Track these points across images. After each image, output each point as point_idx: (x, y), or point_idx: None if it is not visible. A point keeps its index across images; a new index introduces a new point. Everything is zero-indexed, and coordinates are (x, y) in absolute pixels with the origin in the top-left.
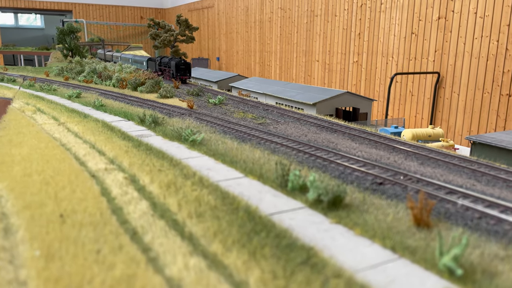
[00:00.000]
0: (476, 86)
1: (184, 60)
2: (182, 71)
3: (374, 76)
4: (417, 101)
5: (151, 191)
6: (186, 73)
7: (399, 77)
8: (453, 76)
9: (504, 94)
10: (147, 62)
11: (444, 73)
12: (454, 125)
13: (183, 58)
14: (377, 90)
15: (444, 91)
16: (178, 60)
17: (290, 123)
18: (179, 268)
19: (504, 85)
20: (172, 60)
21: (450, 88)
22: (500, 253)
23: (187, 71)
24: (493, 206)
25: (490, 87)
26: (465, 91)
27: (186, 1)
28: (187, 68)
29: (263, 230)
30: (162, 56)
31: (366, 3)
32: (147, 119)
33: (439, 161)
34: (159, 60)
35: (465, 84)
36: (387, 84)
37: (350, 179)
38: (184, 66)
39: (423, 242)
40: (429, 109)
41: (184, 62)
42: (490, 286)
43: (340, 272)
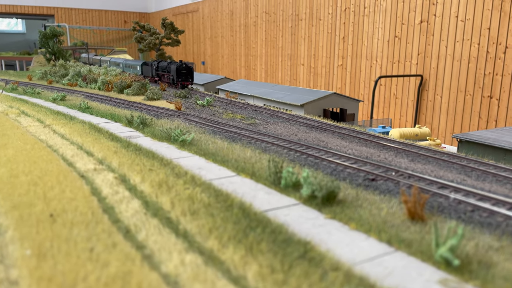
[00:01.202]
0: (458, 89)
1: (185, 64)
2: (184, 76)
3: (358, 79)
4: (401, 104)
5: (143, 190)
6: (188, 78)
7: (383, 80)
8: (436, 78)
9: (485, 96)
10: (142, 67)
11: (427, 76)
12: (438, 127)
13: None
14: (362, 93)
15: (427, 93)
16: (179, 64)
17: (279, 123)
18: (175, 264)
19: (485, 87)
20: (172, 64)
21: (433, 91)
22: (495, 244)
23: (189, 76)
24: (485, 200)
25: (472, 89)
26: (448, 93)
27: (170, 5)
28: (189, 72)
29: (258, 226)
30: (159, 59)
31: (350, 7)
32: (135, 121)
33: (429, 158)
34: (156, 64)
35: (447, 86)
36: (371, 87)
37: (342, 176)
38: (185, 70)
39: (418, 235)
40: (413, 111)
41: (186, 66)
42: (486, 275)
43: (338, 265)
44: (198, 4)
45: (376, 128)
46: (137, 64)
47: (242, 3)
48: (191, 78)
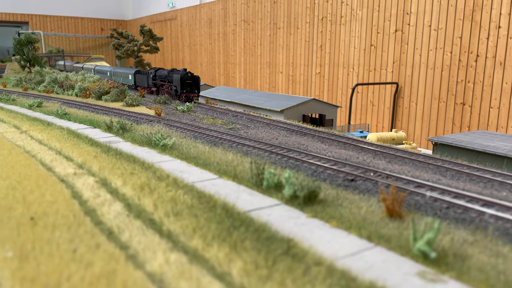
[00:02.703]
0: (432, 96)
1: (191, 73)
2: (189, 87)
3: (336, 87)
4: (377, 111)
5: (125, 193)
6: (194, 89)
7: (360, 87)
8: (411, 86)
9: (458, 103)
10: (135, 76)
11: (402, 83)
12: (414, 133)
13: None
14: (340, 101)
15: (402, 100)
16: (184, 73)
17: (260, 128)
18: (160, 263)
19: (458, 94)
20: (174, 73)
21: (408, 98)
22: (469, 238)
23: (194, 87)
24: (459, 197)
25: (446, 96)
26: (423, 101)
27: (148, 12)
28: (195, 83)
29: (242, 225)
30: (157, 68)
31: (327, 16)
32: (115, 126)
33: (405, 159)
34: (153, 73)
35: (422, 93)
36: (349, 94)
37: (322, 177)
38: (191, 80)
39: (396, 231)
40: (389, 118)
41: (192, 76)
42: (462, 267)
43: (320, 260)
44: (176, 12)
45: (354, 132)
46: (128, 73)
47: (220, 11)
48: (197, 90)
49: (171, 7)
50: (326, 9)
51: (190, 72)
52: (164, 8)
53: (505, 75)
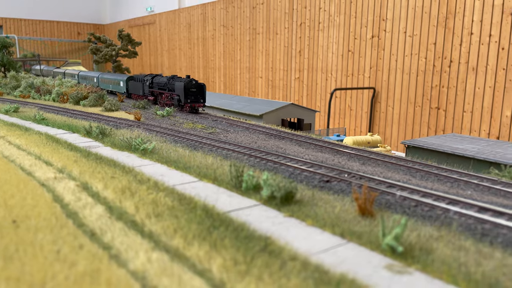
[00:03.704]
0: (408, 100)
1: (195, 80)
2: (193, 96)
3: (315, 92)
4: (355, 115)
5: (106, 196)
6: (199, 99)
7: (338, 92)
8: (387, 91)
9: (433, 107)
10: (127, 83)
11: (379, 88)
12: (390, 136)
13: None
14: (319, 105)
15: (379, 105)
16: (188, 81)
17: (239, 132)
18: (142, 262)
19: (433, 99)
20: (176, 80)
21: (385, 102)
22: (434, 234)
23: (199, 96)
24: (427, 196)
25: (421, 101)
26: (399, 105)
27: (126, 16)
28: (200, 91)
29: (221, 225)
30: (154, 74)
31: (305, 22)
32: (94, 131)
33: (378, 161)
34: (149, 80)
35: (398, 98)
36: (327, 99)
37: (299, 178)
38: (196, 89)
39: (368, 228)
40: (367, 122)
41: (196, 83)
42: (427, 260)
43: (296, 256)
44: (155, 16)
45: (331, 136)
46: (120, 80)
47: (199, 16)
48: (202, 99)
49: (149, 11)
50: (304, 15)
51: (194, 79)
52: (142, 12)
53: (478, 80)
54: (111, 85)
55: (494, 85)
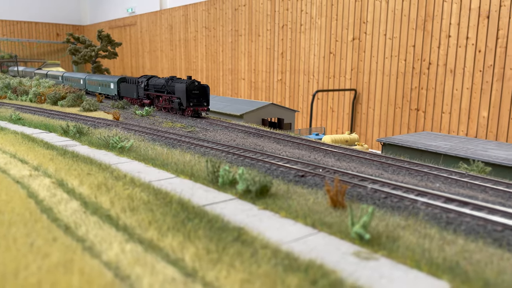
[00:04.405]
0: (388, 102)
1: (198, 82)
2: (195, 99)
3: (297, 93)
4: (337, 116)
5: (81, 192)
6: (202, 102)
7: (320, 94)
8: (368, 92)
9: (412, 108)
10: (118, 85)
11: (360, 90)
12: (372, 137)
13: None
14: (301, 107)
15: (361, 106)
16: (190, 82)
17: (219, 130)
18: (116, 252)
19: (412, 100)
20: (176, 81)
21: (366, 104)
22: (402, 223)
23: (202, 98)
24: (397, 188)
25: (401, 102)
26: (380, 106)
27: (106, 18)
28: (203, 93)
29: (196, 217)
30: (149, 75)
31: (287, 24)
32: (71, 130)
33: (353, 157)
34: (144, 81)
35: (379, 99)
36: (309, 100)
37: (275, 173)
38: (198, 91)
39: (338, 219)
40: (348, 123)
41: (199, 85)
42: (392, 247)
43: (267, 244)
44: (136, 17)
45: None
46: (110, 81)
47: (181, 17)
48: (206, 102)
49: (130, 12)
50: (286, 17)
51: (197, 81)
52: (123, 13)
53: (455, 82)
54: (99, 87)
55: (471, 86)
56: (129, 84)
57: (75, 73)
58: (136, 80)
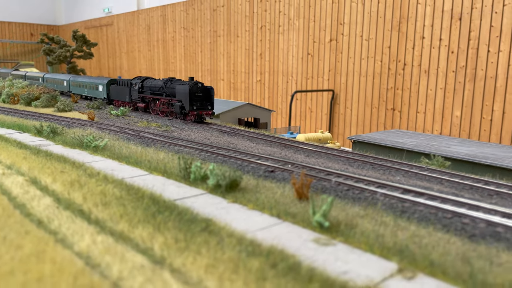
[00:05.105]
0: (365, 102)
1: (201, 84)
2: (199, 102)
3: (276, 94)
4: (315, 117)
5: (55, 189)
6: (206, 105)
7: (299, 94)
8: (346, 93)
9: (389, 108)
10: (108, 88)
11: (338, 90)
12: None
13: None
14: (280, 107)
15: (338, 107)
16: (193, 84)
17: (194, 129)
18: (87, 244)
19: (388, 101)
20: (176, 83)
21: (343, 104)
22: (361, 213)
23: (205, 101)
24: (359, 181)
25: (377, 102)
26: (357, 107)
27: (82, 18)
28: (207, 96)
29: (166, 210)
30: (144, 77)
31: (266, 25)
32: (45, 130)
33: (321, 153)
34: (139, 83)
35: (356, 100)
36: (288, 101)
37: (246, 169)
38: (202, 93)
39: (302, 210)
40: (327, 123)
41: (203, 87)
42: (350, 233)
43: (233, 233)
44: (113, 17)
45: (285, 134)
46: (98, 83)
47: (159, 18)
48: (210, 105)
49: (107, 12)
50: (264, 18)
51: (200, 82)
52: (99, 13)
53: (429, 82)
54: (86, 90)
55: (444, 87)
56: (120, 86)
57: (58, 74)
58: (129, 82)
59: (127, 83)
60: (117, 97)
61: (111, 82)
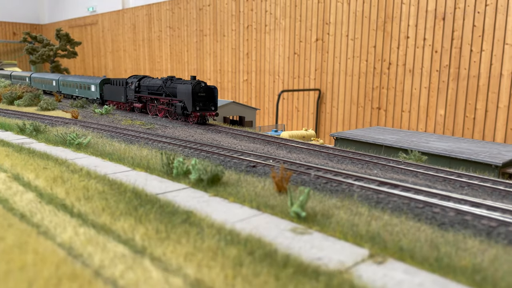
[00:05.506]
0: (351, 101)
1: (204, 83)
2: (202, 102)
3: (263, 94)
4: (302, 116)
5: (37, 185)
6: (209, 105)
7: (286, 94)
8: (332, 92)
9: (374, 107)
10: (100, 87)
11: (324, 90)
12: None
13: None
14: (267, 107)
15: (325, 106)
16: (196, 83)
17: (178, 127)
18: (70, 235)
19: (374, 100)
20: (177, 82)
21: (330, 103)
22: (338, 204)
23: (208, 102)
24: (337, 175)
25: (363, 102)
26: (343, 106)
27: (66, 16)
28: (210, 96)
29: (148, 203)
30: (140, 76)
31: (252, 25)
32: (28, 128)
33: (303, 149)
34: (135, 82)
35: (342, 99)
36: (275, 100)
37: (229, 165)
38: (205, 93)
39: (281, 202)
40: (313, 122)
41: (206, 87)
42: (325, 223)
43: (213, 224)
44: (97, 16)
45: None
46: (90, 83)
47: (144, 17)
48: (213, 106)
49: (91, 11)
50: (251, 17)
51: (203, 81)
52: (83, 12)
53: (414, 81)
54: (77, 90)
55: (429, 86)
56: (114, 86)
57: (46, 73)
58: (124, 81)
59: (122, 83)
60: (111, 97)
61: (105, 82)
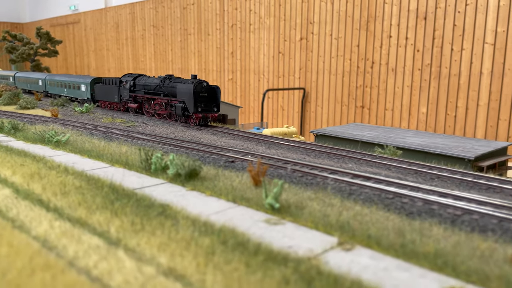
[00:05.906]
0: (335, 100)
1: (206, 82)
2: (203, 103)
3: (248, 93)
4: (287, 115)
5: (14, 181)
6: (211, 106)
7: (271, 93)
8: (316, 91)
9: (358, 106)
10: (92, 86)
11: (309, 88)
12: None
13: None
14: (252, 106)
15: (309, 105)
16: (197, 83)
17: (159, 125)
18: (45, 229)
19: (358, 98)
20: (177, 81)
21: (314, 102)
22: (311, 196)
23: (210, 103)
24: (314, 169)
25: (347, 100)
26: (327, 104)
27: (47, 15)
28: (212, 96)
29: (125, 197)
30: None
31: (237, 24)
32: (6, 126)
33: (281, 145)
34: (130, 81)
35: (326, 98)
36: (260, 99)
37: (208, 160)
38: (207, 93)
39: (257, 195)
40: (298, 121)
41: (208, 86)
42: (298, 214)
43: (188, 216)
44: (79, 15)
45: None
46: (81, 82)
47: (128, 15)
48: (216, 107)
49: (73, 10)
50: (235, 16)
51: (205, 81)
52: (65, 11)
53: (397, 80)
54: (65, 90)
55: (411, 84)
56: (107, 85)
57: (32, 72)
58: (118, 80)
59: (115, 82)
60: (104, 97)
61: (96, 81)
